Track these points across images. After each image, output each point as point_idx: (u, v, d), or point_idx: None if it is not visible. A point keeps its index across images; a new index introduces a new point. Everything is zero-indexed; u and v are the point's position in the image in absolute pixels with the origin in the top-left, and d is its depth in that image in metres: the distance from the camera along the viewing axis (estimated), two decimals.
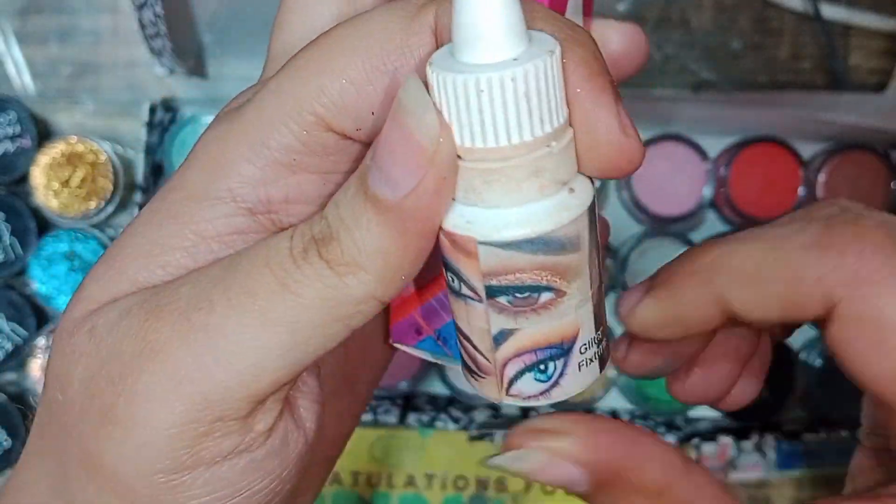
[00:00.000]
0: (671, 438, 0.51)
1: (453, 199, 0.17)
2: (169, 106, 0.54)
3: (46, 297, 0.54)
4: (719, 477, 0.56)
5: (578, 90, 0.17)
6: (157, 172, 0.54)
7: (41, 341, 0.54)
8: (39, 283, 0.54)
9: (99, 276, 0.19)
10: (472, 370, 0.19)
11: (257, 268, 0.17)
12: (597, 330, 0.19)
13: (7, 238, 0.54)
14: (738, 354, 0.26)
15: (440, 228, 0.17)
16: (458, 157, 0.16)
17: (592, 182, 0.17)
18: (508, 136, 0.16)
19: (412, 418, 0.51)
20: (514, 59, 0.16)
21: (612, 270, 0.53)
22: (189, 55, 0.49)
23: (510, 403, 0.19)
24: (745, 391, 0.27)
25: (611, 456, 0.19)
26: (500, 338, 0.18)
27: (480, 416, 0.53)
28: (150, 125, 0.52)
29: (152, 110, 0.52)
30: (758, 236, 0.22)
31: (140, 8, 0.44)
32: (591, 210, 0.17)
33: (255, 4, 0.45)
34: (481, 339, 0.18)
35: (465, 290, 0.17)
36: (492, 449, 0.57)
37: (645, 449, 0.20)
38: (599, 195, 0.54)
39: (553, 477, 0.19)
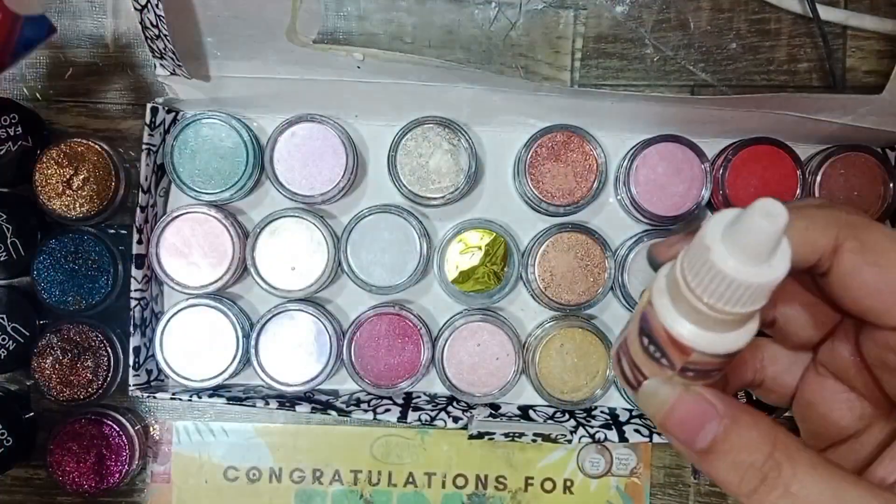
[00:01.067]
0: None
1: (686, 318, 0.25)
2: (170, 107, 0.54)
3: (49, 298, 0.54)
4: None
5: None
6: (158, 173, 0.54)
7: (43, 341, 0.54)
8: (42, 283, 0.54)
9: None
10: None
11: None
12: None
13: (10, 238, 0.54)
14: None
15: (662, 324, 0.26)
16: (700, 300, 0.24)
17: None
18: (751, 306, 0.24)
19: (412, 418, 0.52)
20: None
21: (610, 270, 0.53)
22: (190, 57, 0.49)
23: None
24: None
25: (731, 400, 0.26)
26: None
27: (480, 415, 0.53)
28: (152, 126, 0.52)
29: (154, 111, 0.52)
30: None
31: (142, 9, 0.44)
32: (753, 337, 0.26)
33: (257, 6, 0.45)
34: None
35: (662, 360, 0.27)
36: (492, 448, 0.58)
37: (747, 404, 0.27)
38: (598, 194, 0.54)
39: (689, 410, 0.27)
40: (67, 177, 0.54)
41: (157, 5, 0.43)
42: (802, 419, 0.33)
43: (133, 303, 0.52)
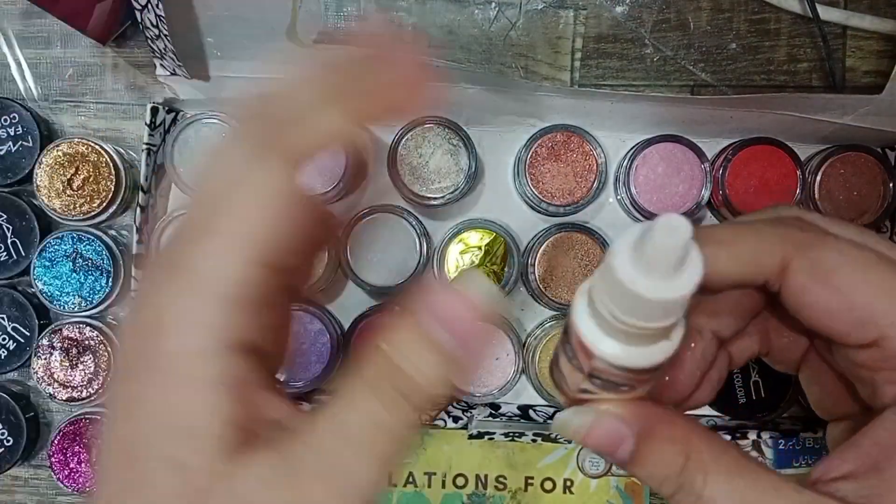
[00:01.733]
0: None
1: (595, 322, 0.25)
2: (171, 107, 0.54)
3: (49, 297, 0.54)
4: None
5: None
6: (159, 173, 0.54)
7: (43, 341, 0.54)
8: (42, 283, 0.54)
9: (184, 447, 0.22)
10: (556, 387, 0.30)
11: (371, 434, 0.22)
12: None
13: (9, 238, 0.54)
14: (702, 362, 0.32)
15: (580, 332, 0.25)
16: (615, 318, 0.24)
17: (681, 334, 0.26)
18: (655, 321, 0.24)
19: None
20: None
21: None
22: (190, 57, 0.49)
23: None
24: (702, 396, 0.34)
25: (649, 415, 0.27)
26: (583, 392, 0.28)
27: (480, 415, 0.53)
28: (152, 126, 0.52)
29: (154, 111, 0.52)
30: (732, 222, 0.29)
31: (141, 10, 0.44)
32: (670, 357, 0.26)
33: (257, 6, 0.45)
34: (570, 384, 0.28)
35: (573, 361, 0.27)
36: (492, 448, 0.58)
37: (670, 412, 0.28)
38: (598, 194, 0.54)
39: (604, 433, 0.27)
40: (67, 177, 0.54)
41: (157, 5, 0.43)
42: (806, 392, 0.34)
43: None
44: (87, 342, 0.54)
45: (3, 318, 0.55)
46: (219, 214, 0.22)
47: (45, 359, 0.54)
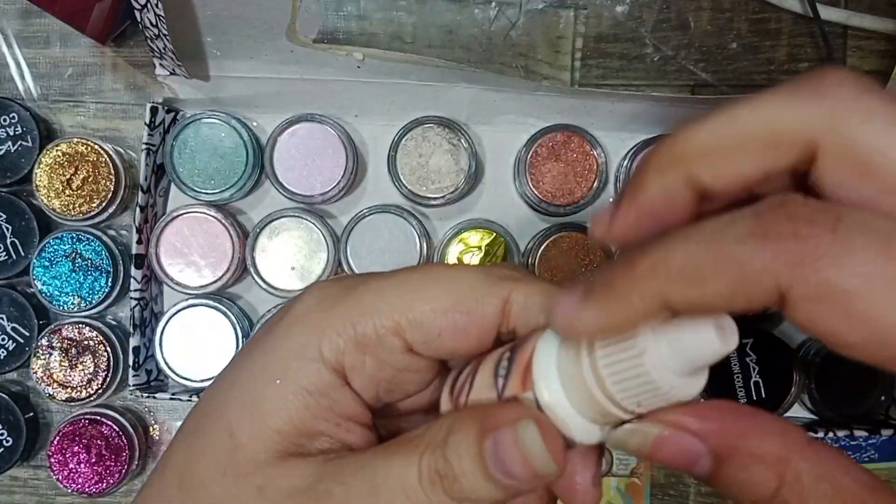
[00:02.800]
0: None
1: (558, 370, 0.23)
2: (170, 107, 0.54)
3: (48, 297, 0.54)
4: None
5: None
6: (158, 173, 0.54)
7: (42, 341, 0.54)
8: (41, 283, 0.54)
9: (247, 425, 0.24)
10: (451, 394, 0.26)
11: (396, 494, 0.23)
12: None
13: (9, 238, 0.54)
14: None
15: (534, 367, 0.23)
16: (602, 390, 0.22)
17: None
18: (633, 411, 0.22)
19: None
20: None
21: None
22: (190, 56, 0.49)
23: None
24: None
25: (731, 426, 0.21)
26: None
27: None
28: (152, 126, 0.52)
29: (153, 111, 0.52)
30: (685, 233, 0.21)
31: (141, 9, 0.44)
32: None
33: (257, 6, 0.45)
34: (468, 391, 0.25)
35: (500, 381, 0.24)
36: None
37: (764, 421, 0.21)
38: (598, 194, 0.54)
39: (673, 451, 0.22)
40: (67, 177, 0.54)
41: (156, 5, 0.43)
42: None
43: (133, 303, 0.52)
44: (86, 342, 0.54)
45: (2, 318, 0.55)
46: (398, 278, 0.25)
47: (45, 359, 0.54)
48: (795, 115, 0.21)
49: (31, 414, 0.56)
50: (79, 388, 0.54)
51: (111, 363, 0.54)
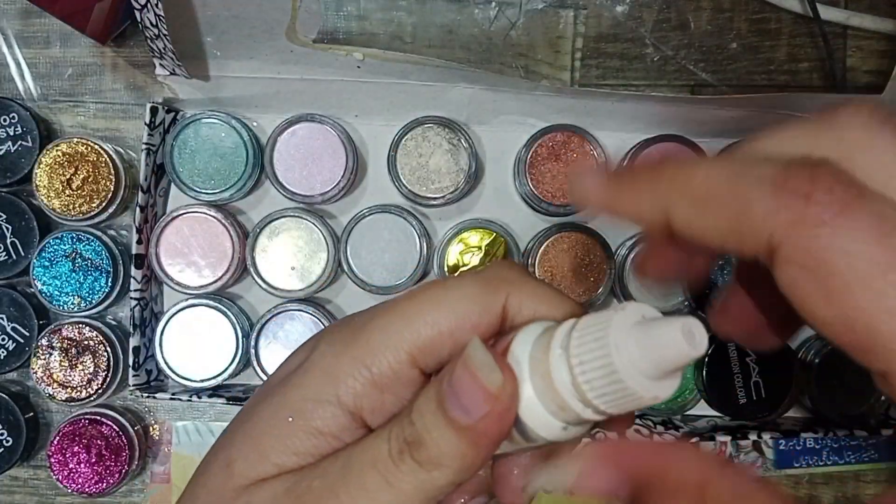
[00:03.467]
0: (670, 438, 0.51)
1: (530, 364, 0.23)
2: (170, 107, 0.54)
3: (48, 297, 0.54)
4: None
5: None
6: (158, 173, 0.54)
7: (42, 341, 0.54)
8: (41, 283, 0.54)
9: (246, 456, 0.25)
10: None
11: (367, 467, 0.23)
12: None
13: (9, 238, 0.54)
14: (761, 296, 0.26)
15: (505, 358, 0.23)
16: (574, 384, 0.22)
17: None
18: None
19: None
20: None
21: (610, 270, 0.53)
22: (190, 56, 0.49)
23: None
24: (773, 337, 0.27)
25: (647, 457, 0.22)
26: None
27: None
28: (152, 126, 0.52)
29: (153, 111, 0.52)
30: (719, 160, 0.22)
31: (141, 9, 0.44)
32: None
33: (257, 6, 0.45)
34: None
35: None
36: None
37: (679, 451, 0.22)
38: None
39: (595, 483, 0.22)
40: (67, 177, 0.54)
41: (156, 5, 0.43)
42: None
43: (133, 303, 0.52)
44: (86, 342, 0.54)
45: (2, 318, 0.55)
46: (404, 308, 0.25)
47: (45, 359, 0.54)
48: (765, 213, 0.20)
49: (31, 414, 0.56)
50: (79, 388, 0.54)
51: (111, 363, 0.54)
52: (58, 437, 0.54)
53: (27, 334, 0.55)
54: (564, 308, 0.24)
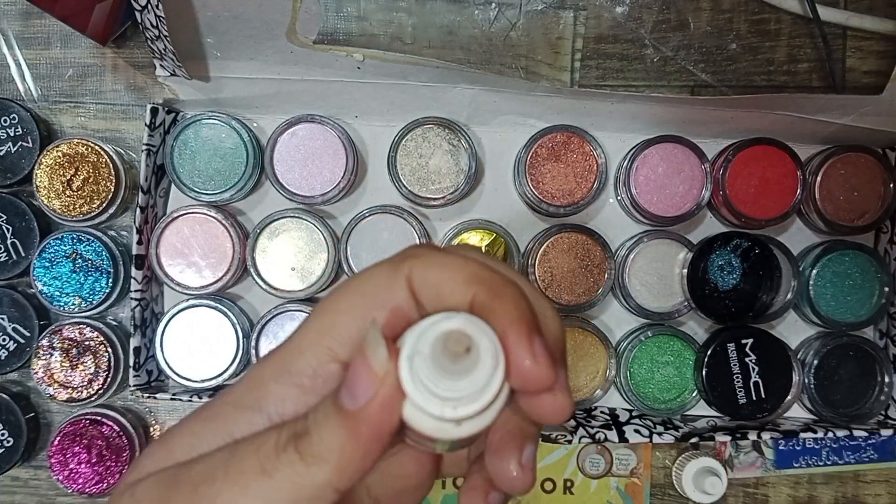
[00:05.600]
0: (669, 438, 0.51)
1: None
2: (170, 108, 0.54)
3: (49, 298, 0.54)
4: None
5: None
6: (158, 174, 0.54)
7: (43, 342, 0.54)
8: (42, 283, 0.54)
9: (153, 453, 0.25)
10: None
11: (249, 453, 0.23)
12: None
13: (9, 239, 0.54)
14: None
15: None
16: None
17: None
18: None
19: None
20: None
21: (610, 271, 0.53)
22: (190, 57, 0.49)
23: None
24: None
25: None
26: None
27: None
28: (152, 127, 0.52)
29: (154, 112, 0.52)
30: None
31: (141, 10, 0.44)
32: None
33: (257, 7, 0.45)
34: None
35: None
36: None
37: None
38: (598, 195, 0.54)
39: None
40: (67, 177, 0.54)
41: (157, 6, 0.43)
42: None
43: (133, 303, 0.52)
44: (86, 343, 0.54)
45: (3, 319, 0.55)
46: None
47: (45, 359, 0.54)
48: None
49: (32, 414, 0.56)
50: (79, 389, 0.54)
51: (112, 363, 0.54)
52: (58, 438, 0.54)
53: (28, 335, 0.55)
54: (466, 271, 0.23)
